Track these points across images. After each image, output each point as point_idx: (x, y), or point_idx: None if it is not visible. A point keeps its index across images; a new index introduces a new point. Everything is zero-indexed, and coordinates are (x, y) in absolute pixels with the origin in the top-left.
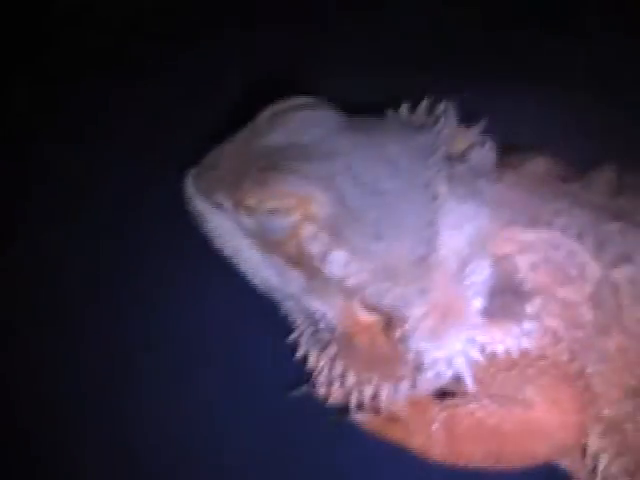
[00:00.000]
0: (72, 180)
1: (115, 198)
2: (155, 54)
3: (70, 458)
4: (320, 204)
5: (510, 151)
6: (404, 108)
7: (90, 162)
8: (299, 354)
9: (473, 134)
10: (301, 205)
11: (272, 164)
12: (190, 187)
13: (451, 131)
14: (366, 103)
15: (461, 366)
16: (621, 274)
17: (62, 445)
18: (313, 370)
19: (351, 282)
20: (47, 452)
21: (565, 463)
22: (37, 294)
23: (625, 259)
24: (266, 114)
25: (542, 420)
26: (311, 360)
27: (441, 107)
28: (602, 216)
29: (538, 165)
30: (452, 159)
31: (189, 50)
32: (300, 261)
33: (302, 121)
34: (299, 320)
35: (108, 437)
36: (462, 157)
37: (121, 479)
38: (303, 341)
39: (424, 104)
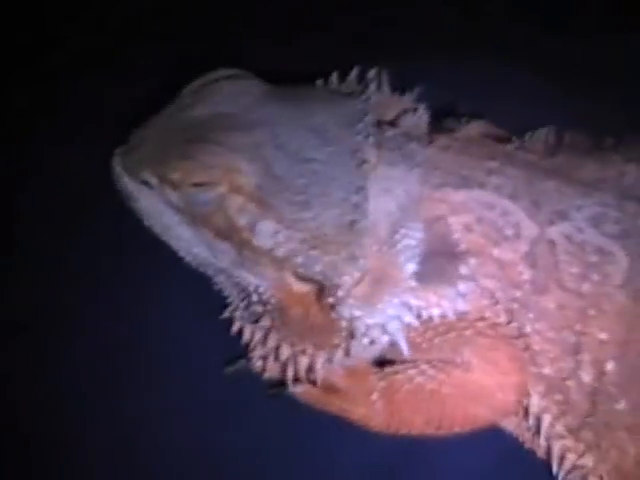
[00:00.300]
0: (71, 180)
1: (114, 198)
2: (155, 54)
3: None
4: (246, 175)
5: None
6: (334, 77)
7: (89, 162)
8: (234, 329)
9: (406, 101)
10: (227, 177)
11: (196, 137)
12: (117, 166)
13: (382, 98)
14: (296, 73)
15: (396, 332)
16: (557, 231)
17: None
18: (248, 344)
19: (281, 252)
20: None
21: (508, 425)
22: (35, 293)
23: (561, 216)
24: (190, 88)
25: (481, 382)
26: (246, 334)
27: (371, 75)
28: (537, 175)
29: (472, 128)
30: (383, 125)
31: (189, 49)
32: (229, 234)
33: (227, 92)
34: (232, 294)
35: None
36: (394, 123)
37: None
38: (237, 315)
39: (354, 73)
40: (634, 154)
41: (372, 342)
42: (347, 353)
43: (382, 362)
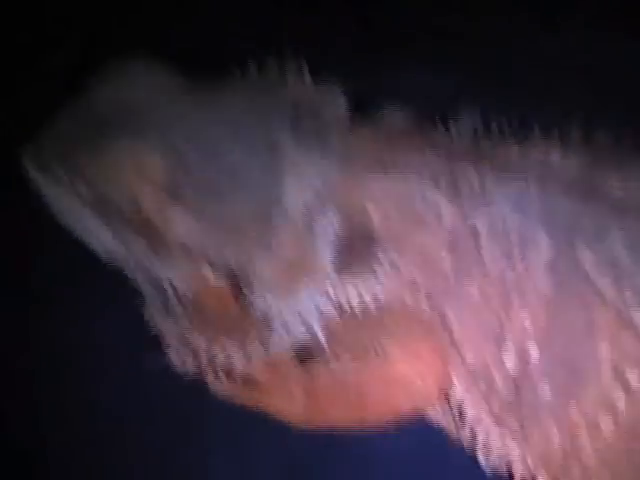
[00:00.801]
0: None
1: None
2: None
3: None
4: (157, 167)
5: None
6: (251, 67)
7: None
8: (152, 325)
9: (325, 91)
10: (137, 169)
11: (105, 129)
12: (27, 162)
13: (301, 88)
14: (212, 63)
15: (313, 321)
16: (480, 217)
17: None
18: (165, 340)
19: (195, 245)
20: None
21: (432, 415)
22: None
23: (482, 202)
24: (99, 77)
25: (401, 372)
26: (163, 330)
27: (290, 65)
28: (459, 161)
29: (394, 117)
30: (301, 115)
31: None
32: (142, 227)
33: (138, 82)
34: (148, 290)
35: None
36: (312, 113)
37: None
38: (153, 311)
39: (272, 63)
40: (558, 139)
41: (290, 334)
42: (265, 346)
43: (302, 354)
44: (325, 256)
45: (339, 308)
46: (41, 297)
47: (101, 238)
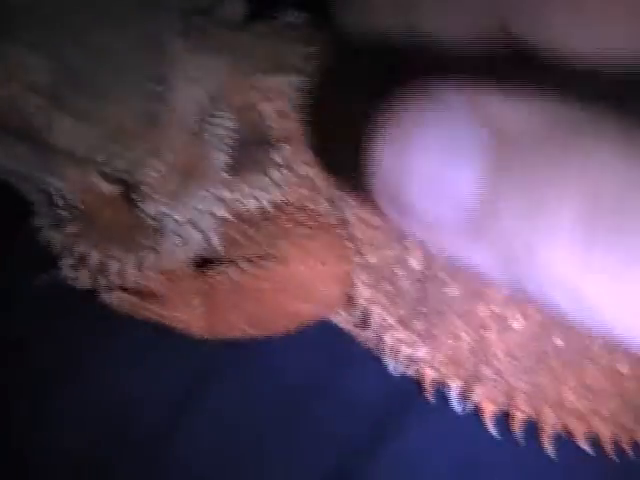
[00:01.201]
0: None
1: None
2: None
3: None
4: (38, 70)
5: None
6: None
7: None
8: (42, 237)
9: None
10: (17, 73)
11: None
12: None
13: None
14: None
15: (208, 228)
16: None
17: None
18: (57, 253)
19: (81, 150)
20: None
21: (336, 319)
22: None
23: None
24: None
25: (300, 275)
26: (54, 242)
27: None
28: None
29: (292, 15)
30: (193, 14)
31: None
32: (26, 135)
33: None
34: (37, 201)
35: None
36: (205, 11)
37: None
38: (44, 223)
39: None
40: None
41: (184, 241)
42: (159, 255)
43: (199, 262)
44: (219, 160)
45: (235, 213)
46: None
47: None
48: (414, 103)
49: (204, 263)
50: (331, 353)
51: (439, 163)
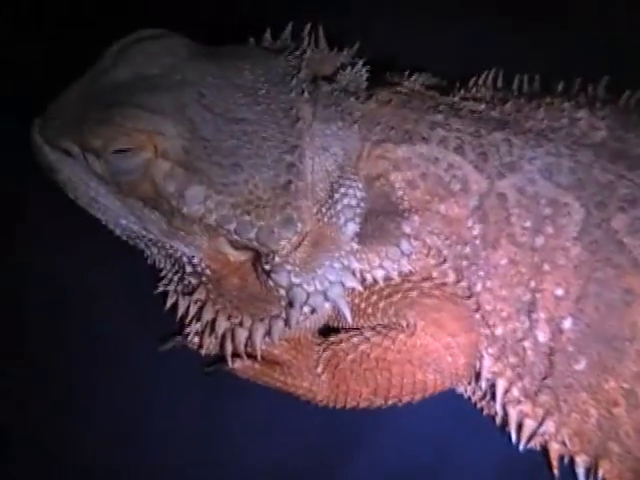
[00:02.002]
0: None
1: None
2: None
3: None
4: (171, 138)
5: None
6: (267, 34)
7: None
8: (168, 304)
9: (343, 56)
10: (150, 141)
11: (116, 101)
12: (37, 137)
13: (318, 54)
14: (228, 31)
15: (338, 298)
16: (508, 184)
17: None
18: (184, 319)
19: (212, 219)
20: None
21: (463, 391)
22: None
23: (511, 168)
24: (112, 50)
25: (427, 345)
26: (180, 308)
27: (306, 31)
28: (484, 126)
29: (414, 81)
30: (319, 81)
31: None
32: (158, 202)
33: (149, 53)
34: (165, 267)
35: None
36: (331, 79)
37: None
38: (171, 289)
39: (288, 29)
40: (585, 99)
41: (313, 310)
42: (287, 323)
43: (326, 331)
44: (349, 229)
45: (364, 282)
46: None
47: (117, 216)
48: None
49: (329, 331)
50: (457, 423)
51: None
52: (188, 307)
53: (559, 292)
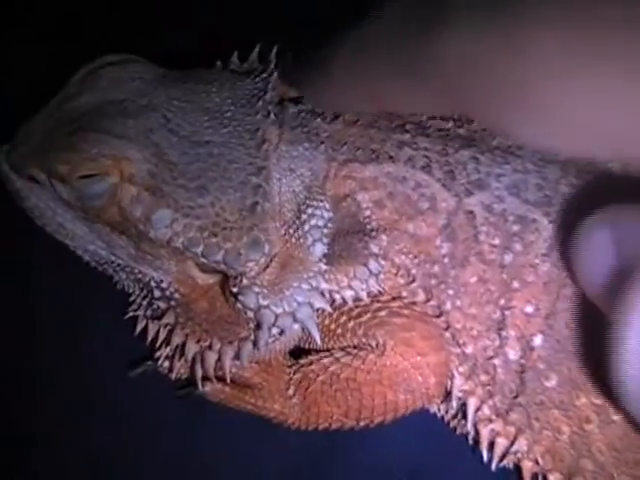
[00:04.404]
0: None
1: None
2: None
3: None
4: (137, 163)
5: None
6: (234, 57)
7: None
8: (138, 328)
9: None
10: (116, 166)
11: (82, 127)
12: (3, 165)
13: (284, 77)
14: (195, 55)
15: (307, 319)
16: (476, 202)
17: None
18: (153, 343)
19: (179, 242)
20: None
21: (434, 409)
22: None
23: (478, 186)
24: (77, 76)
25: (396, 365)
26: (150, 333)
27: (272, 54)
28: (451, 144)
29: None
30: (286, 103)
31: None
32: (125, 227)
33: (114, 78)
34: (134, 292)
35: None
36: (297, 101)
37: None
38: (140, 314)
39: (255, 52)
40: None
41: (282, 332)
42: (256, 345)
43: (298, 353)
44: (316, 249)
45: (332, 303)
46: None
47: (84, 241)
48: None
49: (301, 353)
50: (430, 443)
51: None
52: (158, 331)
53: (529, 309)
